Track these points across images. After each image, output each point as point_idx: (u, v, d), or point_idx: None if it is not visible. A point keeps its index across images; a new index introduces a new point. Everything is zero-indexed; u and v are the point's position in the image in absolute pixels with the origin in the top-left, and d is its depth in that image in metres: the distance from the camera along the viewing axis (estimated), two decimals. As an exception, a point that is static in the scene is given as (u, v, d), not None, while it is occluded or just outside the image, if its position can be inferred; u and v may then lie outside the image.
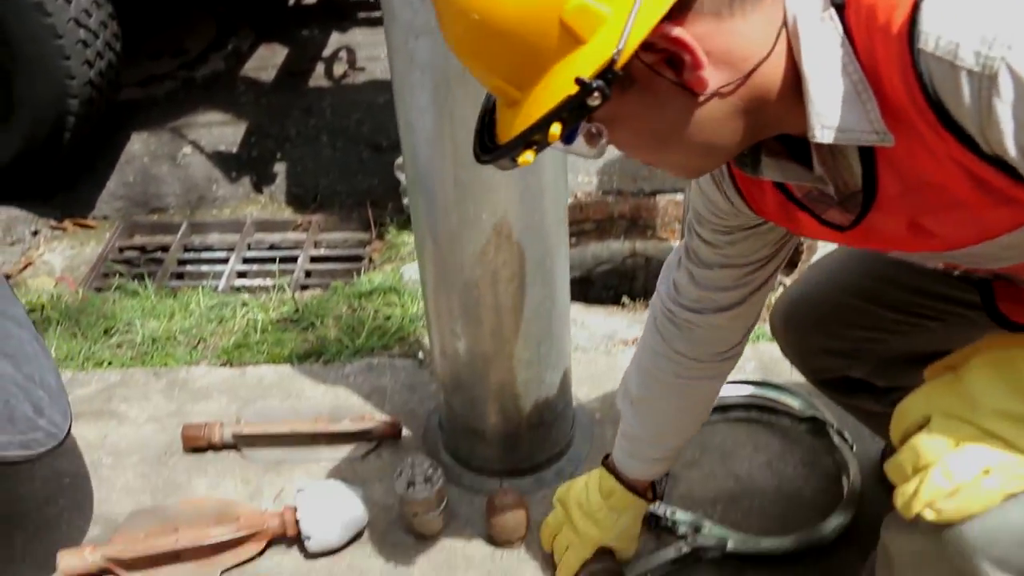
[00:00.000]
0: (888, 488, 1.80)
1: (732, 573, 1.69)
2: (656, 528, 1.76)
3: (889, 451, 1.85)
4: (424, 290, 1.68)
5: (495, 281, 1.55)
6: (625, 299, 2.52)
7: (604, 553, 1.60)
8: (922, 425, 1.00)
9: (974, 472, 0.95)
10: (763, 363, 2.14)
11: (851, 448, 1.87)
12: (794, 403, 1.98)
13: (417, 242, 1.61)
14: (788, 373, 2.09)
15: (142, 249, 3.29)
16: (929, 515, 0.98)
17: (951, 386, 1.01)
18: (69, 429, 1.67)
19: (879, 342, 1.44)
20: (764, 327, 2.32)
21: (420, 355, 2.20)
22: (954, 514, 0.97)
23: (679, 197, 3.21)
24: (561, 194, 1.54)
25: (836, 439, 1.88)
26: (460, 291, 1.57)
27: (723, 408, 1.99)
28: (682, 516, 1.74)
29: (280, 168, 3.49)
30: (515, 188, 1.44)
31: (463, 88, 1.32)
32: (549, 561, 1.71)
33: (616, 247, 3.22)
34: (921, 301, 1.37)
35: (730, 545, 1.70)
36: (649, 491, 1.61)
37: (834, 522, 1.73)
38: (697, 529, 1.72)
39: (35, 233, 3.33)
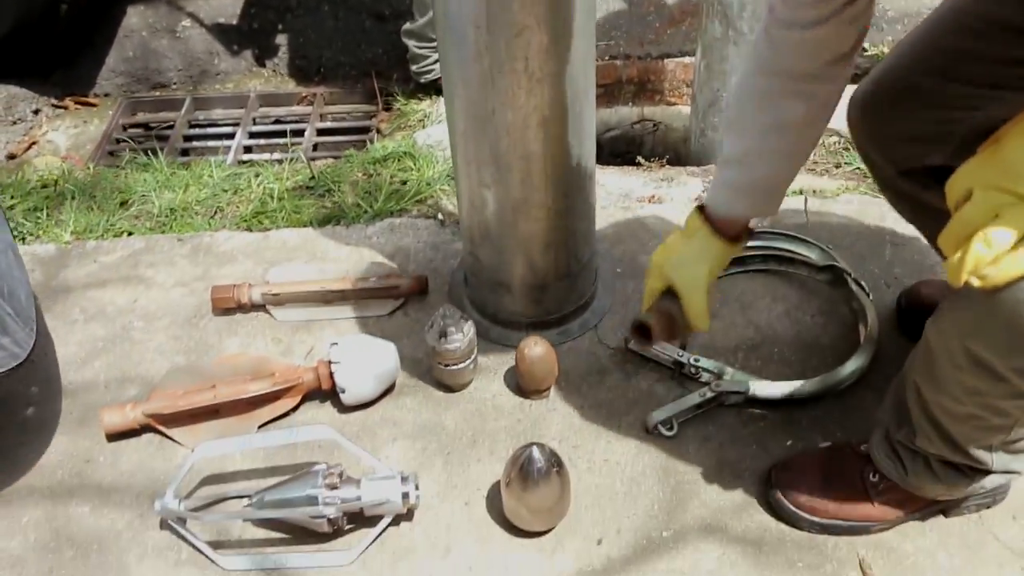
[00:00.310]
0: (903, 334, 1.87)
1: (755, 416, 1.75)
2: (680, 375, 1.81)
3: (906, 296, 1.89)
4: (452, 140, 1.68)
5: (526, 127, 1.55)
6: (640, 159, 2.52)
7: (674, 299, 1.53)
8: (969, 198, 1.05)
9: (1012, 239, 1.00)
10: (780, 216, 2.16)
11: (868, 296, 1.90)
12: (811, 254, 2.01)
13: (446, 91, 1.60)
14: (806, 225, 2.13)
15: (146, 126, 3.27)
16: (975, 282, 1.04)
17: (992, 157, 1.04)
18: (34, 347, 1.64)
19: (957, 121, 1.43)
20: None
21: (440, 216, 2.21)
22: (998, 280, 1.03)
23: (687, 60, 3.18)
24: (590, 38, 1.53)
25: (854, 287, 1.92)
26: (491, 138, 1.57)
27: (741, 260, 2.02)
28: (705, 363, 1.79)
29: (282, 40, 3.42)
30: (547, 29, 1.43)
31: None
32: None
33: (624, 112, 3.20)
34: (996, 70, 1.35)
35: (752, 390, 1.75)
36: (743, 236, 1.52)
37: (852, 366, 1.78)
38: (720, 375, 1.77)
39: (36, 112, 3.29)
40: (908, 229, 2.11)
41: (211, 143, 3.11)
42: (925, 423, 1.37)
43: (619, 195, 2.29)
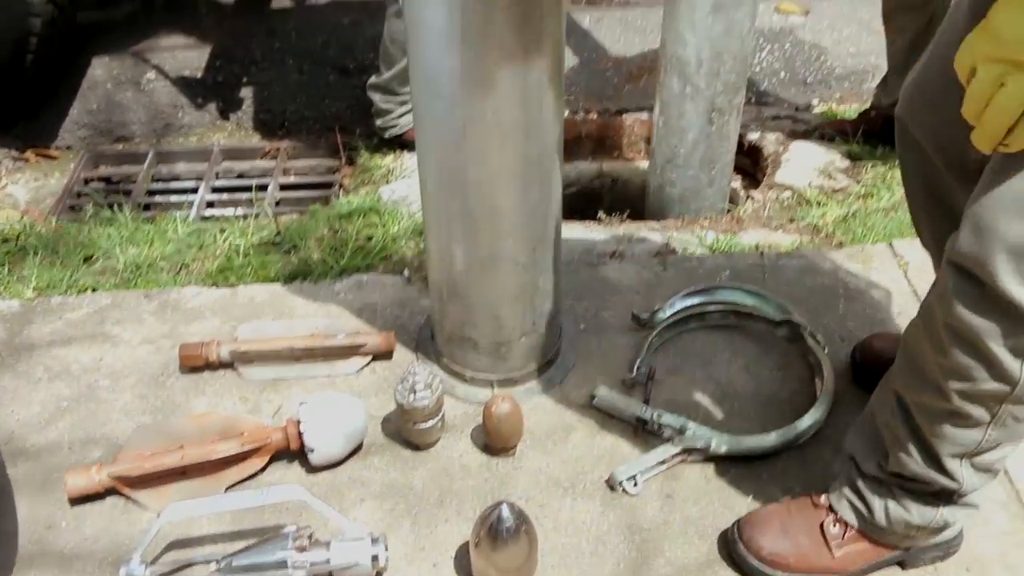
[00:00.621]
0: (858, 387, 1.91)
1: (716, 471, 1.79)
2: (643, 432, 1.84)
3: (860, 350, 1.95)
4: (423, 195, 1.71)
5: (496, 181, 1.59)
6: (601, 214, 2.57)
7: None
8: (975, 74, 1.13)
9: (1020, 105, 1.09)
10: (738, 271, 2.22)
11: (824, 350, 1.96)
12: (769, 308, 2.06)
13: (419, 146, 1.64)
14: (762, 280, 2.18)
15: (108, 180, 3.26)
16: (1002, 149, 1.14)
17: (984, 30, 1.11)
18: None
19: None
20: (737, 239, 2.40)
21: (406, 272, 2.24)
22: (1021, 145, 1.13)
23: (645, 116, 3.26)
24: (559, 93, 1.57)
25: (810, 341, 1.97)
26: (462, 193, 1.61)
27: (701, 315, 2.07)
28: (668, 419, 1.82)
29: (246, 93, 3.46)
30: (519, 84, 1.48)
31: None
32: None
33: (584, 168, 3.26)
34: None
35: (713, 445, 1.78)
36: None
37: (809, 420, 1.82)
38: (682, 431, 1.81)
39: (-4, 164, 3.28)
40: (860, 283, 2.20)
41: (174, 197, 3.11)
42: (904, 435, 1.43)
43: (581, 251, 2.33)
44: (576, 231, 2.45)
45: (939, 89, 1.48)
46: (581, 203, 3.08)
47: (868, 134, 2.98)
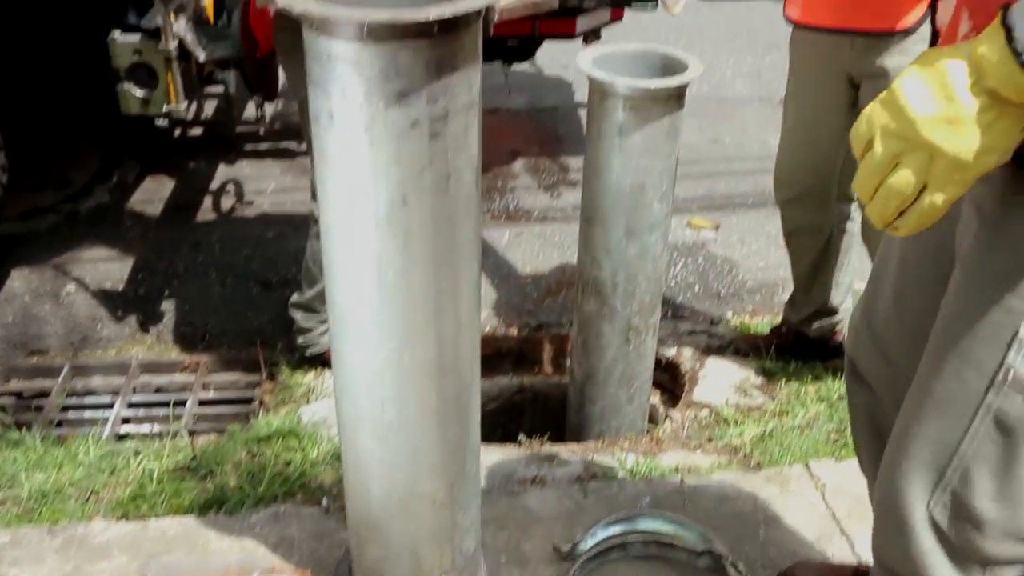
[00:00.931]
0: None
1: None
2: (567, 672, 1.80)
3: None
4: (341, 430, 1.71)
5: (415, 419, 1.59)
6: (521, 436, 2.58)
7: None
8: (871, 145, 1.06)
9: (913, 187, 1.02)
10: (658, 498, 2.23)
11: (745, 580, 1.96)
12: (690, 537, 2.07)
13: (336, 383, 1.64)
14: (683, 506, 2.20)
15: (19, 395, 3.17)
16: (891, 232, 1.07)
17: (887, 99, 1.04)
18: None
19: None
20: (657, 461, 2.43)
21: (325, 502, 2.20)
22: (914, 228, 1.06)
23: (564, 331, 3.34)
24: (475, 330, 1.61)
25: (731, 571, 1.98)
26: (379, 431, 1.61)
27: (623, 546, 2.06)
28: (591, 658, 1.79)
29: (168, 306, 3.46)
30: (435, 325, 1.51)
31: (392, 228, 1.40)
32: None
33: (504, 383, 3.29)
34: None
35: None
36: None
37: (734, 655, 1.81)
38: (606, 672, 1.77)
39: (-102, 379, 3.18)
40: (779, 507, 2.23)
41: (88, 413, 3.03)
42: None
43: (501, 477, 2.33)
44: (496, 455, 2.45)
45: (883, 327, 1.48)
46: (502, 418, 3.10)
47: (781, 349, 3.08)
